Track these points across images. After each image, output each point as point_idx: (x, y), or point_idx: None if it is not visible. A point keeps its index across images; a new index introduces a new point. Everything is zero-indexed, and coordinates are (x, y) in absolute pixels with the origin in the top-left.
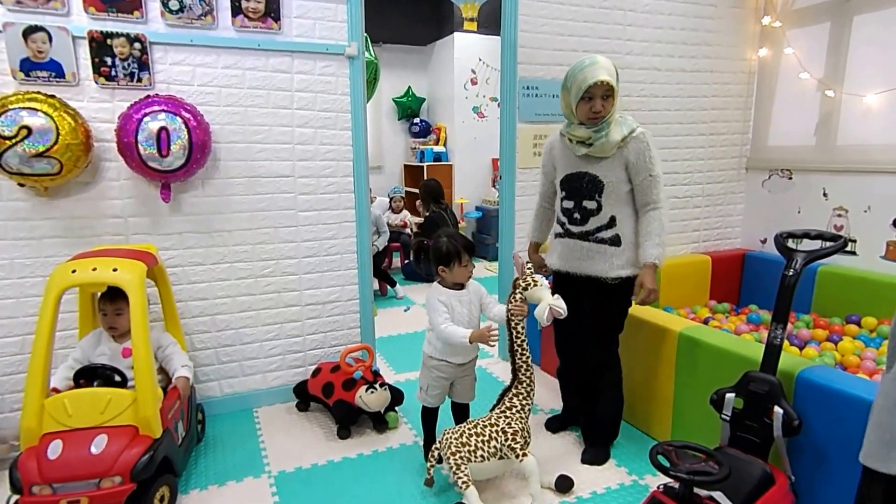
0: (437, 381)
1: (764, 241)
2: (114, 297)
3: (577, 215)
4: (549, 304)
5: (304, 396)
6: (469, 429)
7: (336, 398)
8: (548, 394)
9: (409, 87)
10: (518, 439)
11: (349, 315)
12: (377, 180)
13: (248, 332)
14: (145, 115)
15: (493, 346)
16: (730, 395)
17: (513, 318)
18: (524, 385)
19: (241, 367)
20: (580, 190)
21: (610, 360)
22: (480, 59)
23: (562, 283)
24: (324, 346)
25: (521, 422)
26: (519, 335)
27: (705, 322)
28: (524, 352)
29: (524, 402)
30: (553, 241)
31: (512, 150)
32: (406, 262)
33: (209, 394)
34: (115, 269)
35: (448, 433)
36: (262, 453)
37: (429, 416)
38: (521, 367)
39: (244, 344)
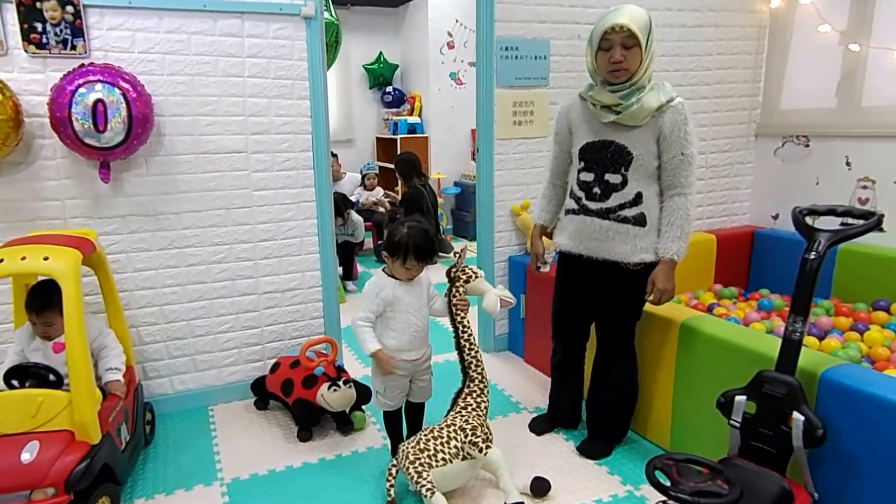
0: (396, 380)
1: (776, 217)
2: (41, 306)
3: (596, 190)
4: (498, 295)
5: (262, 394)
6: (425, 435)
7: (296, 397)
8: (532, 390)
9: (381, 53)
10: (479, 433)
11: (311, 304)
12: (348, 154)
13: (201, 323)
14: (79, 86)
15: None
16: (740, 398)
17: (458, 312)
18: (476, 382)
19: (194, 361)
20: (603, 161)
21: (625, 351)
22: (457, 21)
23: (571, 266)
24: (284, 339)
25: (478, 418)
26: (465, 330)
27: (710, 309)
28: (472, 347)
29: (479, 400)
30: (564, 219)
31: (489, 118)
32: (379, 242)
33: (159, 391)
34: (45, 258)
35: (403, 446)
36: (216, 457)
37: (393, 420)
38: (471, 363)
39: (196, 336)
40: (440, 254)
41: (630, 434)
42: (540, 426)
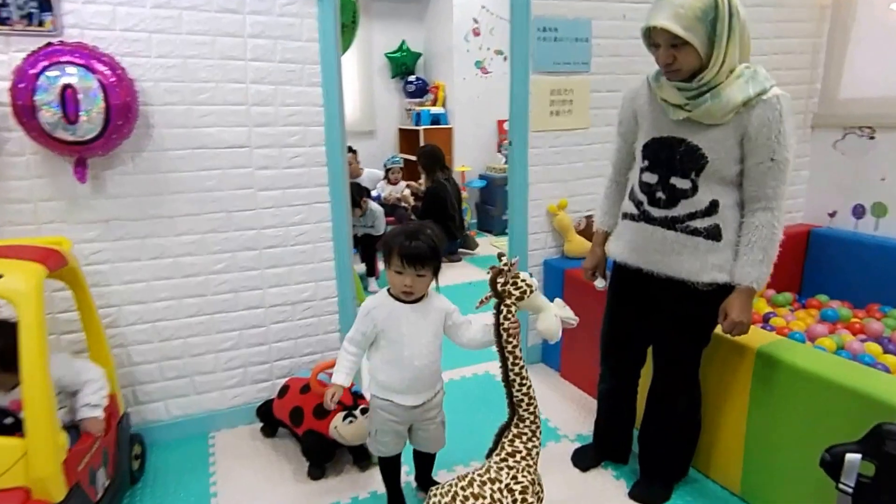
0: (387, 426)
1: (833, 215)
2: None
3: (660, 195)
4: (559, 315)
5: (269, 420)
6: (462, 488)
7: (306, 428)
8: (572, 412)
9: (403, 41)
10: (529, 498)
11: (325, 317)
12: (369, 146)
13: (200, 341)
14: (45, 68)
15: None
16: (853, 457)
17: (510, 339)
18: (527, 423)
19: (193, 383)
20: (670, 162)
21: (687, 383)
22: (483, 7)
23: (626, 280)
24: (294, 356)
25: (528, 472)
26: (517, 361)
27: (766, 320)
28: (524, 381)
29: (530, 445)
30: (621, 224)
31: (524, 108)
32: None
33: (153, 417)
34: None
35: (435, 496)
36: (212, 501)
37: (388, 467)
38: (523, 401)
39: (195, 356)
40: (464, 250)
41: (691, 472)
42: (584, 460)
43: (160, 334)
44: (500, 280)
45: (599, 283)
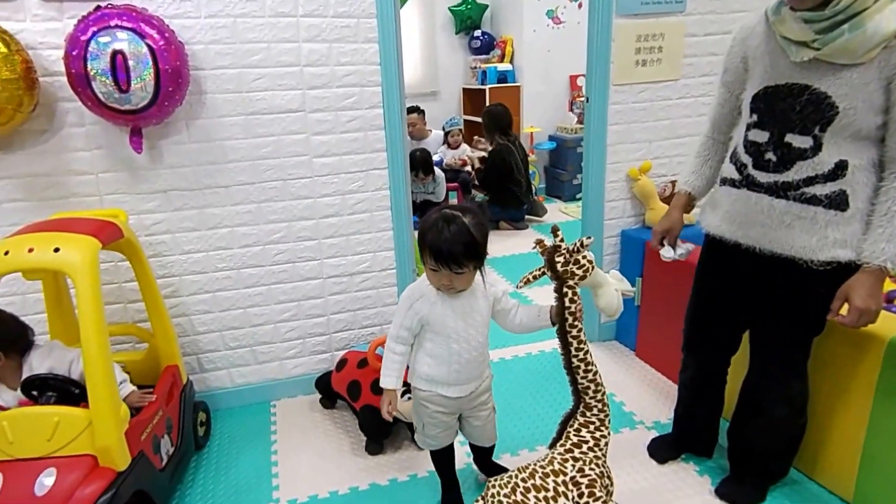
0: (435, 419)
1: None
2: None
3: (770, 156)
4: (619, 288)
5: (327, 392)
6: (523, 479)
7: (363, 403)
8: (649, 396)
9: None
10: (598, 493)
11: (384, 289)
12: (432, 108)
13: (259, 311)
14: (94, 34)
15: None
16: None
17: (575, 323)
18: (595, 412)
19: (254, 353)
20: (787, 115)
21: (792, 377)
22: None
23: (723, 258)
24: (353, 328)
25: (597, 464)
26: (581, 346)
27: (889, 299)
28: (590, 367)
29: (598, 435)
30: (719, 191)
31: (604, 58)
32: None
33: (218, 384)
34: (56, 250)
35: (494, 487)
36: (273, 470)
37: (441, 459)
38: (588, 388)
39: (255, 326)
40: (531, 217)
41: (795, 472)
42: (662, 452)
43: (220, 304)
44: (560, 259)
45: (667, 253)
